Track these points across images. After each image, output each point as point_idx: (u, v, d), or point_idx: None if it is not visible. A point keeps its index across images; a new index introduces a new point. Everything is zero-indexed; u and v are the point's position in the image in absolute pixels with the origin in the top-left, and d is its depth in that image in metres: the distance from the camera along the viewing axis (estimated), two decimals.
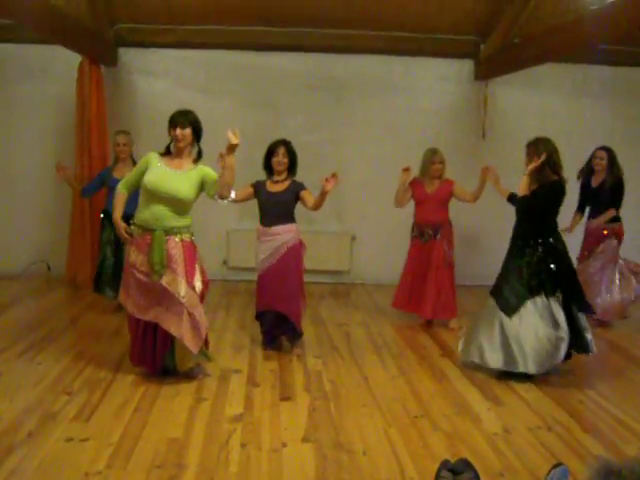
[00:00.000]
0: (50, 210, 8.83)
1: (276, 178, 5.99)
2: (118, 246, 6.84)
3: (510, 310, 5.36)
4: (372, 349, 6.21)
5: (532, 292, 5.33)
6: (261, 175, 6.18)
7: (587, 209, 7.34)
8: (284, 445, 4.06)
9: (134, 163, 6.86)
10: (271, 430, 4.28)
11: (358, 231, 9.19)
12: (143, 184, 4.95)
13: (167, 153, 5.10)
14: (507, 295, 5.41)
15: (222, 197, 4.95)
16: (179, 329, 4.87)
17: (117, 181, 6.64)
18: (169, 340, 5.01)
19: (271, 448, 4.02)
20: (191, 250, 5.05)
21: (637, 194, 9.13)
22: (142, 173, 5.00)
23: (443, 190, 6.88)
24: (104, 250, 7.02)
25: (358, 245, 9.22)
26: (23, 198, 8.85)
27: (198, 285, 5.03)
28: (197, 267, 5.07)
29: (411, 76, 9.11)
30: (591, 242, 7.21)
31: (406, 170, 6.83)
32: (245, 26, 8.54)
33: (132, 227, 5.06)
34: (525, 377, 5.33)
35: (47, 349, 5.78)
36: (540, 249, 5.40)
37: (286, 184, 5.93)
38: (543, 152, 5.30)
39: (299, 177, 6.03)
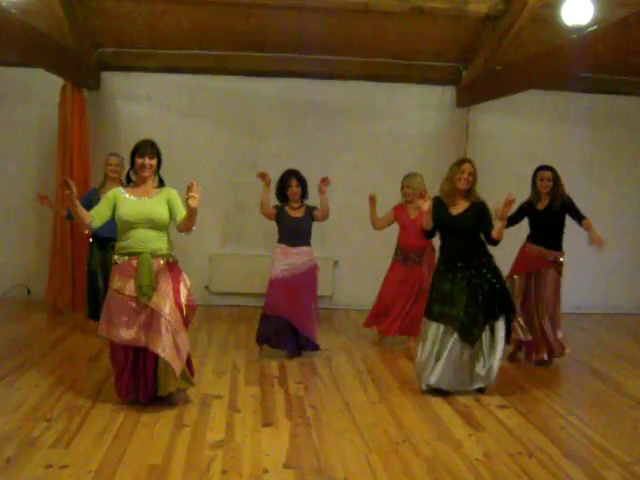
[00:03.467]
0: (30, 234, 8.80)
1: (293, 205, 6.71)
2: (105, 267, 6.80)
3: (473, 339, 5.48)
4: (354, 374, 6.20)
5: (487, 316, 5.50)
6: (245, 198, 6.30)
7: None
8: (265, 471, 4.03)
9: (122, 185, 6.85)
10: (252, 456, 4.25)
11: (340, 256, 9.20)
12: (119, 218, 4.99)
13: (128, 181, 5.22)
14: (466, 322, 5.47)
15: (181, 232, 5.04)
16: (165, 350, 4.85)
17: None
18: (156, 364, 4.98)
19: (252, 474, 3.98)
20: (177, 272, 5.08)
21: (616, 220, 9.27)
22: (111, 205, 5.02)
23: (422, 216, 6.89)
24: (94, 276, 6.97)
25: (340, 270, 9.23)
26: (3, 221, 8.80)
27: (184, 303, 5.03)
28: (183, 288, 5.07)
29: (394, 102, 9.18)
30: (529, 266, 6.75)
31: (371, 198, 6.99)
32: (229, 51, 8.60)
33: (115, 257, 5.06)
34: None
35: (26, 374, 5.73)
36: (484, 270, 5.54)
37: (303, 209, 6.72)
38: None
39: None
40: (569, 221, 6.61)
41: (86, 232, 5.62)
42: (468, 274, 5.53)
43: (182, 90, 8.94)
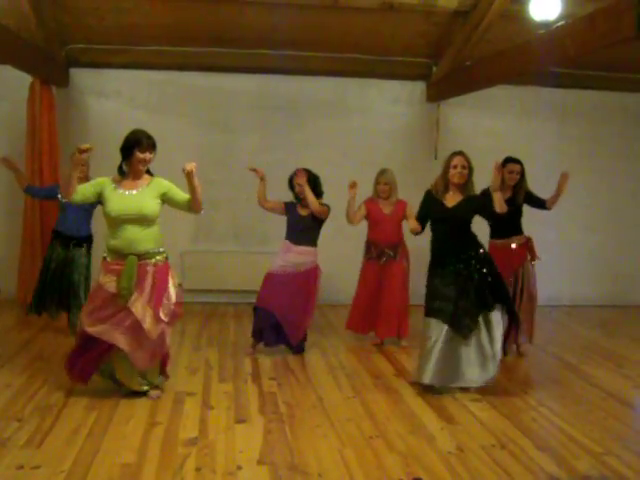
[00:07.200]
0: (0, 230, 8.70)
1: (304, 202, 6.56)
2: (65, 265, 6.78)
3: (465, 330, 5.44)
4: (327, 370, 6.21)
5: (480, 306, 5.47)
6: (216, 195, 6.29)
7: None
8: (239, 468, 4.03)
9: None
10: (226, 453, 4.25)
11: None
12: (107, 214, 4.93)
13: (121, 173, 5.04)
14: (458, 314, 5.45)
15: (195, 212, 5.17)
16: (128, 345, 4.93)
17: None
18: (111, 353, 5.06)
19: (226, 471, 3.98)
20: (163, 274, 5.03)
21: (584, 213, 9.36)
22: (97, 191, 4.97)
23: (399, 210, 6.95)
24: (49, 269, 6.91)
25: None
26: None
27: (163, 315, 4.98)
28: (168, 291, 5.04)
29: (364, 97, 9.20)
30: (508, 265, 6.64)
31: (352, 186, 6.74)
32: (199, 47, 8.56)
33: (104, 254, 5.03)
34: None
35: None
36: (473, 262, 5.52)
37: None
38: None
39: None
40: (536, 213, 6.73)
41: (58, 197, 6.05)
42: (456, 268, 5.51)
43: (152, 86, 8.89)
